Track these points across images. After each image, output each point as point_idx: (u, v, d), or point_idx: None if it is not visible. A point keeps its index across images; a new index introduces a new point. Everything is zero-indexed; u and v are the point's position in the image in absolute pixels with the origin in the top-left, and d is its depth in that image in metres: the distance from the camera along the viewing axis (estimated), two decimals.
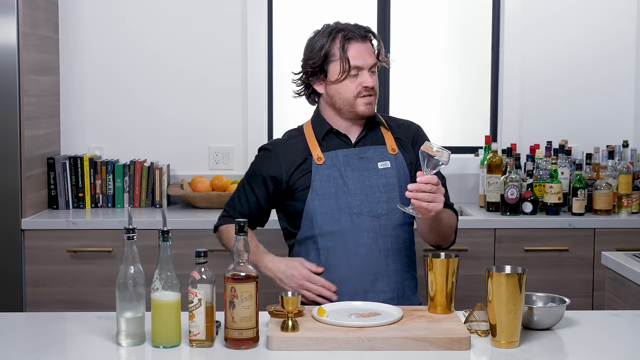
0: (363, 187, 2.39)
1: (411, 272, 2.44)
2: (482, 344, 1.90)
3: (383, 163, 2.42)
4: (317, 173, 2.38)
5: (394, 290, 2.37)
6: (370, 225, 2.36)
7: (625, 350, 1.95)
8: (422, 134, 2.53)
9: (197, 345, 1.87)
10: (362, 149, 2.43)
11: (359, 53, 2.38)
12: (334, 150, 2.42)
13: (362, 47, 2.39)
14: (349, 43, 2.38)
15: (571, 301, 2.07)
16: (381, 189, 2.39)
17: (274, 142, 2.52)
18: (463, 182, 4.07)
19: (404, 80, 4.25)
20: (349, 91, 2.39)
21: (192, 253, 1.89)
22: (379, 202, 2.38)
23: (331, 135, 2.46)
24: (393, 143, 2.46)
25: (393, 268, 2.38)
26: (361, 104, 2.39)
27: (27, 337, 2.02)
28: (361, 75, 2.38)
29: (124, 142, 4.05)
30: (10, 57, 3.42)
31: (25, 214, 3.50)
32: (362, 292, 2.34)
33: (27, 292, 3.49)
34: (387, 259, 2.37)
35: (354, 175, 2.39)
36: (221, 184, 3.86)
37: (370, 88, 2.39)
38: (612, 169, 3.76)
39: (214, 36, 4.06)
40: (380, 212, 2.37)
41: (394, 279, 2.38)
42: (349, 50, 2.37)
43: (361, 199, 2.38)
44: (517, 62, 4.12)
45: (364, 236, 2.36)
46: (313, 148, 2.43)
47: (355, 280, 2.35)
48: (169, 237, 1.88)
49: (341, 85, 2.39)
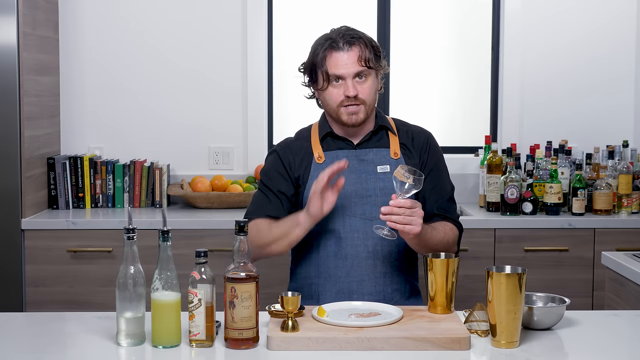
0: (359, 189, 2.38)
1: (404, 276, 2.42)
2: (482, 344, 1.90)
3: (383, 167, 2.41)
4: (316, 172, 2.38)
5: (380, 293, 2.36)
6: (362, 226, 2.36)
7: (625, 350, 1.95)
8: (432, 142, 2.50)
9: (197, 345, 1.87)
10: (363, 151, 2.43)
11: (341, 62, 2.34)
12: (335, 151, 2.43)
13: (344, 55, 2.34)
14: (330, 53, 2.35)
15: (571, 301, 2.07)
16: (377, 192, 2.38)
17: (283, 143, 2.52)
18: (463, 182, 4.07)
19: (404, 81, 4.25)
20: (332, 100, 2.37)
21: (192, 253, 1.89)
22: (373, 205, 2.37)
23: (332, 138, 2.46)
24: (397, 148, 2.44)
25: (381, 271, 2.37)
26: (344, 113, 2.37)
27: (27, 337, 2.02)
28: (344, 84, 2.35)
29: (124, 142, 4.05)
30: (10, 57, 3.42)
31: (25, 214, 3.50)
32: (348, 292, 2.35)
33: (27, 292, 3.49)
34: (375, 261, 2.36)
35: (352, 177, 2.39)
36: (221, 184, 3.86)
37: (354, 97, 2.35)
38: (612, 169, 3.76)
39: (214, 36, 4.06)
40: (373, 216, 2.35)
41: (382, 282, 2.37)
42: (330, 59, 2.35)
43: (355, 201, 2.37)
44: (517, 62, 4.12)
45: (354, 236, 2.36)
46: (315, 147, 2.44)
47: (342, 280, 2.36)
48: (169, 237, 1.88)
49: (326, 94, 2.39)
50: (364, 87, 2.36)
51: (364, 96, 2.36)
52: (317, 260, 2.39)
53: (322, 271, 2.38)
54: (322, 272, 2.38)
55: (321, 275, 2.38)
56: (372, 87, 2.39)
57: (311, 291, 2.39)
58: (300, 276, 2.44)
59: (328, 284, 2.37)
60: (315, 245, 2.39)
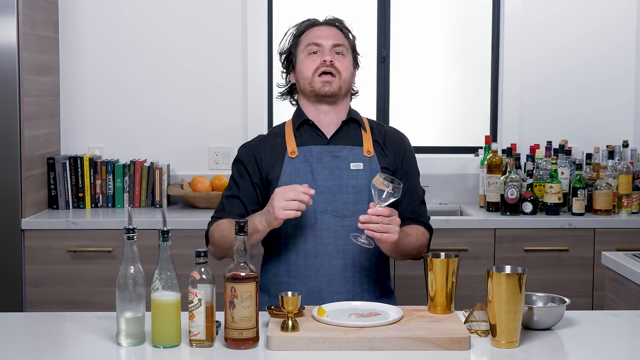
0: (331, 185, 2.37)
1: (374, 276, 2.40)
2: (482, 344, 1.90)
3: (356, 164, 2.40)
4: (289, 166, 2.37)
5: (350, 292, 2.35)
6: (333, 224, 2.35)
7: (625, 350, 1.95)
8: (407, 145, 2.51)
9: (197, 345, 1.87)
10: (336, 147, 2.42)
11: (319, 33, 2.45)
12: (309, 146, 2.42)
13: (324, 29, 2.47)
14: (310, 28, 2.48)
15: (571, 301, 2.07)
16: (350, 189, 2.37)
17: (255, 139, 2.53)
18: (463, 182, 4.07)
19: (404, 81, 4.25)
20: (308, 69, 2.43)
21: (192, 253, 1.89)
22: (345, 202, 2.36)
23: (307, 128, 2.46)
24: (370, 146, 2.44)
25: (351, 270, 2.36)
26: (319, 81, 2.41)
27: (27, 337, 2.02)
28: (321, 54, 2.42)
29: (124, 142, 4.06)
30: (10, 57, 3.42)
31: (25, 214, 3.50)
32: (318, 290, 2.34)
33: (27, 292, 3.49)
34: (345, 260, 2.35)
35: (324, 172, 2.38)
36: (221, 184, 3.86)
37: (330, 64, 2.40)
38: (612, 169, 3.76)
39: (214, 36, 4.06)
40: (344, 213, 2.35)
41: (351, 282, 2.36)
42: (309, 31, 2.47)
43: (328, 197, 2.36)
44: (517, 62, 4.12)
45: (324, 235, 2.35)
46: (289, 142, 2.44)
47: (312, 278, 2.35)
48: (169, 237, 1.88)
49: (302, 65, 2.44)
50: (341, 60, 2.44)
51: (340, 67, 2.43)
52: (286, 258, 2.38)
53: (293, 270, 2.37)
54: (292, 271, 2.37)
55: (291, 274, 2.37)
56: (349, 65, 2.46)
57: (281, 290, 2.31)
58: (270, 274, 2.42)
59: (298, 283, 2.35)
60: (284, 242, 2.38)
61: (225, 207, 2.44)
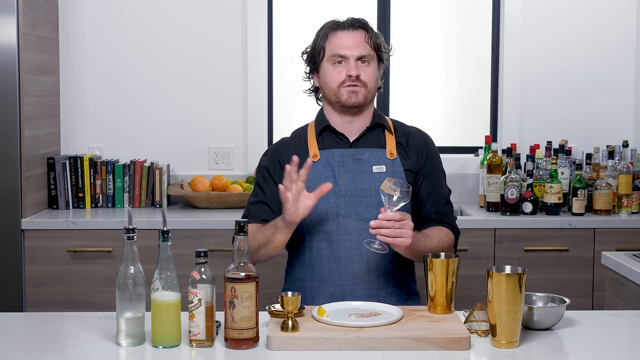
0: (354, 189, 2.36)
1: (399, 278, 2.40)
2: (482, 344, 1.90)
3: (378, 167, 2.39)
4: (311, 170, 2.37)
5: (374, 296, 2.33)
6: (356, 228, 2.34)
7: (625, 350, 1.95)
8: (430, 145, 2.50)
9: (197, 345, 1.87)
10: (358, 150, 2.41)
11: (343, 42, 2.39)
12: (331, 149, 2.41)
13: (347, 36, 2.40)
14: (334, 32, 2.41)
15: (571, 301, 2.07)
16: (372, 192, 2.36)
17: (277, 143, 2.52)
18: (463, 182, 4.07)
19: (404, 80, 4.25)
20: (333, 80, 2.39)
21: (192, 253, 1.89)
22: (368, 206, 2.35)
23: (329, 133, 2.45)
24: (393, 148, 2.43)
25: (375, 274, 2.35)
26: (345, 92, 2.37)
27: (27, 337, 2.02)
28: (346, 65, 2.37)
29: (124, 142, 4.06)
30: (10, 57, 3.42)
31: (25, 214, 3.50)
32: (341, 295, 2.32)
33: (27, 292, 3.49)
34: (368, 264, 2.35)
35: (347, 176, 2.37)
36: (221, 184, 3.86)
37: (356, 77, 2.36)
38: (612, 169, 3.76)
39: (214, 36, 4.06)
40: (368, 217, 2.32)
41: (375, 285, 2.35)
42: (333, 38, 2.40)
43: (350, 201, 2.35)
44: (517, 62, 4.12)
45: (347, 239, 2.34)
46: (311, 145, 2.42)
47: (336, 282, 2.34)
48: (169, 237, 1.88)
49: (327, 74, 2.40)
50: (366, 70, 2.38)
51: (365, 78, 2.38)
52: (310, 263, 2.37)
53: (316, 274, 2.36)
54: (315, 275, 2.37)
55: (315, 278, 2.37)
56: (374, 73, 2.41)
57: (305, 294, 2.35)
58: (294, 278, 2.42)
59: (322, 287, 2.35)
60: (308, 246, 2.38)
61: (251, 213, 2.43)
